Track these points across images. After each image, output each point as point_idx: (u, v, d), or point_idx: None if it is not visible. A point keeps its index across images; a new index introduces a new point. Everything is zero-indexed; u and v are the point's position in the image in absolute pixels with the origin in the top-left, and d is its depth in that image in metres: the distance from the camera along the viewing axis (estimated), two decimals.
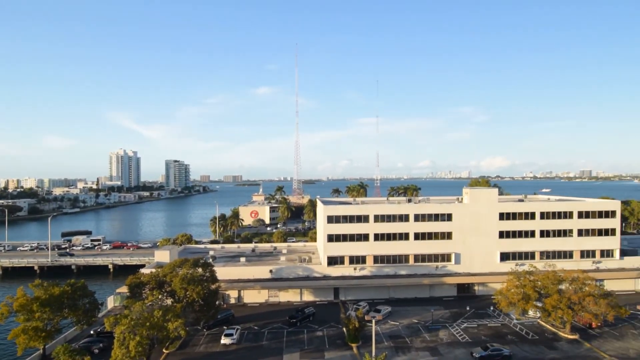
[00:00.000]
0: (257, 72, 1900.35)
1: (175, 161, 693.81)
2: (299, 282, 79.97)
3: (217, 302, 65.64)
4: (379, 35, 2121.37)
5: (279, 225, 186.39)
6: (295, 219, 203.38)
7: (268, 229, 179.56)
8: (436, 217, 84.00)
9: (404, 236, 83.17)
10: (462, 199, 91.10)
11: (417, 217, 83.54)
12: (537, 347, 57.76)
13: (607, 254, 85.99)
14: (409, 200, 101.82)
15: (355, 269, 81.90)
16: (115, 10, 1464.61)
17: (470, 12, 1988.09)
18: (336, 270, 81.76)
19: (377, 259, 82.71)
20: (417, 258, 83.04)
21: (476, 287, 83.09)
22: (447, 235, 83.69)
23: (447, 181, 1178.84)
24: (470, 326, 65.83)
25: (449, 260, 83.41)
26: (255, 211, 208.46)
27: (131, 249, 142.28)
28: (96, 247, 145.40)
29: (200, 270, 64.72)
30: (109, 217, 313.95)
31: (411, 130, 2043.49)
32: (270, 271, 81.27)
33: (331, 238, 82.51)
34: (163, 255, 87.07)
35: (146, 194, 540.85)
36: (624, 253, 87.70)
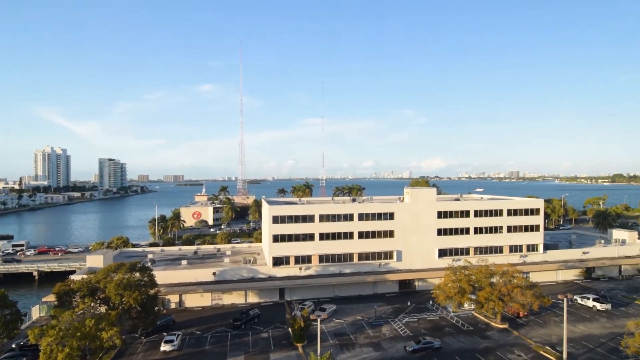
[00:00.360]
0: (200, 68, 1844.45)
1: (110, 160, 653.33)
2: (243, 284, 78.60)
3: (156, 308, 62.77)
4: (325, 38, 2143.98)
5: (222, 226, 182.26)
6: (240, 220, 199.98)
7: (211, 230, 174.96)
8: (379, 216, 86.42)
9: (349, 235, 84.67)
10: (403, 198, 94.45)
11: (361, 217, 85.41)
12: (472, 338, 61.33)
13: (532, 248, 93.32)
14: (354, 200, 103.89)
15: (300, 268, 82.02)
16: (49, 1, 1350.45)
17: (412, 18, 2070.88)
18: (282, 271, 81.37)
19: (323, 258, 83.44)
20: (361, 256, 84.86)
21: (417, 283, 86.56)
22: (390, 234, 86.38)
23: (390, 181, 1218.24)
24: (411, 320, 68.45)
25: (391, 257, 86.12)
26: (198, 212, 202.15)
27: (59, 254, 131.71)
28: (18, 253, 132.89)
29: (137, 274, 61.52)
30: (33, 220, 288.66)
31: (356, 131, 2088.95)
32: (214, 273, 79.12)
33: (277, 238, 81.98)
34: (96, 260, 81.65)
35: (77, 194, 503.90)
36: (546, 247, 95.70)
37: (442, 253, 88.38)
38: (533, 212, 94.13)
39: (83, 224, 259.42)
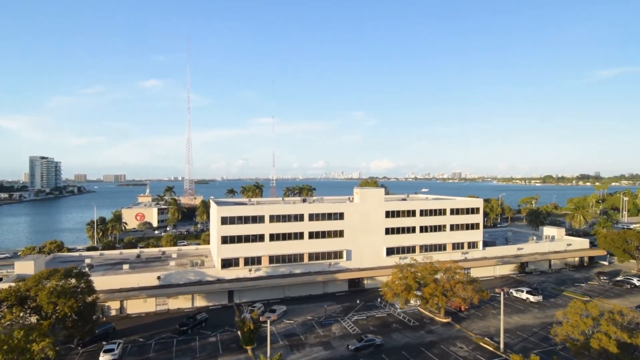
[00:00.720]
0: (144, 62, 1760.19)
1: (43, 158, 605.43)
2: (190, 288, 76.02)
3: (94, 316, 59.10)
4: (275, 39, 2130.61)
5: (168, 228, 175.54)
6: (186, 221, 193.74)
7: (156, 232, 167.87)
8: (329, 216, 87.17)
9: (299, 235, 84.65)
10: (353, 198, 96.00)
11: (312, 217, 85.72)
12: (417, 332, 63.56)
13: (472, 245, 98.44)
14: (304, 200, 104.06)
15: (250, 270, 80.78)
16: None
17: (360, 23, 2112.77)
18: (230, 273, 79.68)
19: (273, 259, 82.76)
20: (311, 256, 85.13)
21: (365, 281, 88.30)
22: (340, 234, 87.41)
23: (340, 181, 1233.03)
24: (360, 318, 69.70)
25: (341, 257, 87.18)
26: (141, 214, 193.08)
27: None
28: None
29: (73, 281, 57.61)
30: None
31: (306, 131, 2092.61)
32: (158, 277, 75.85)
33: (225, 240, 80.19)
34: (26, 267, 75.35)
35: (4, 195, 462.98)
36: (485, 244, 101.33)
37: (390, 251, 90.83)
38: (473, 211, 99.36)
39: (11, 228, 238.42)
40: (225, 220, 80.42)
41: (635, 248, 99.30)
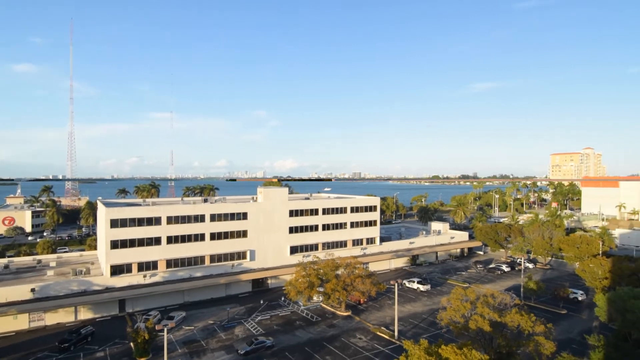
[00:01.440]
0: (15, 43, 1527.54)
1: None
2: (72, 299, 67.88)
3: None
4: (173, 31, 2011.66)
5: (45, 234, 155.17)
6: (69, 225, 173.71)
7: (30, 238, 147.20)
8: (232, 217, 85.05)
9: (200, 237, 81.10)
10: (256, 198, 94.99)
11: (214, 217, 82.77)
12: (320, 327, 65.22)
13: (370, 241, 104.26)
14: (205, 200, 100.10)
15: (145, 276, 75.02)
16: None
17: (266, 27, 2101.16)
18: (122, 280, 73.09)
19: (171, 263, 78.01)
20: (213, 258, 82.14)
21: (270, 281, 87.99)
22: (243, 234, 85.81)
23: (244, 181, 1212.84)
24: (264, 318, 69.21)
25: (244, 257, 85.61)
26: (11, 217, 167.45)
27: None
28: None
29: None
30: None
31: (208, 129, 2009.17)
32: (32, 290, 66.38)
33: (115, 244, 73.35)
34: None
35: None
36: (382, 240, 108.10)
37: (294, 250, 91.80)
38: (371, 209, 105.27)
39: None
40: (115, 223, 73.57)
41: (504, 239, 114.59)
